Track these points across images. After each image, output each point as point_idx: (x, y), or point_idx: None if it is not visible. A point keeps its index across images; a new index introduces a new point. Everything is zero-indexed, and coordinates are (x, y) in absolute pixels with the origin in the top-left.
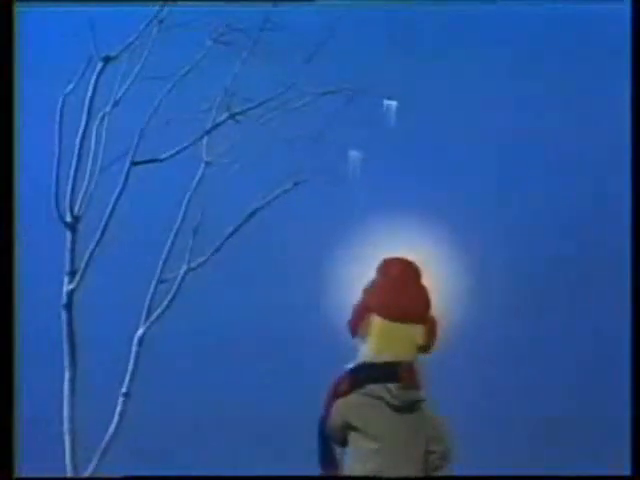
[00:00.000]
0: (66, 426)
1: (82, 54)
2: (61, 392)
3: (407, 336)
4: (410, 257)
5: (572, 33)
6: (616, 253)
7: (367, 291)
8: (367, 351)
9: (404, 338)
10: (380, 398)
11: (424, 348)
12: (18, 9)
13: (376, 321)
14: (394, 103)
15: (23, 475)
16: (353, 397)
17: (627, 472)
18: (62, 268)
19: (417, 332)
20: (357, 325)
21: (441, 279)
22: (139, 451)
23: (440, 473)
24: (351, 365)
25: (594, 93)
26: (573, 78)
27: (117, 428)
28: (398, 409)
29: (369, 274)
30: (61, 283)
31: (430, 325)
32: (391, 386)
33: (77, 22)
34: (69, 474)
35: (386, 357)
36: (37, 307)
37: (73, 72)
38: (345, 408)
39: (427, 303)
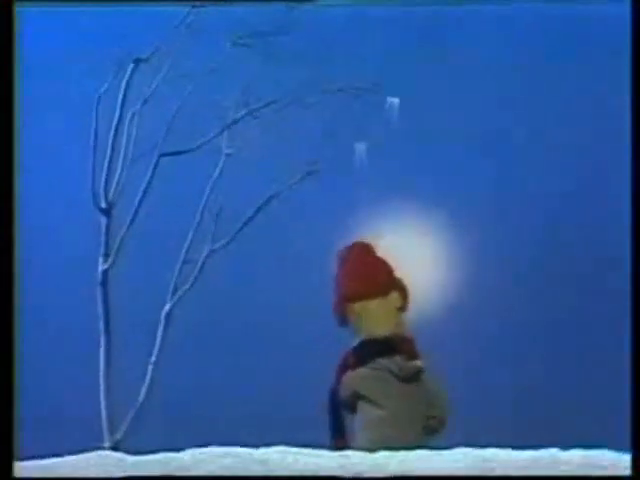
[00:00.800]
0: (102, 391)
1: (88, 55)
2: (96, 363)
3: (387, 306)
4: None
5: (572, 33)
6: (616, 248)
7: (335, 285)
8: (362, 332)
9: (386, 309)
10: (387, 370)
11: (402, 309)
12: (18, 9)
13: (355, 307)
14: (397, 100)
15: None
16: (362, 370)
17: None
18: (98, 250)
19: (393, 298)
20: (343, 318)
21: (441, 264)
22: (167, 413)
23: (437, 436)
24: (354, 343)
25: (594, 93)
26: (573, 78)
27: (147, 393)
28: (404, 379)
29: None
30: (97, 263)
31: (400, 287)
32: (397, 358)
33: (78, 22)
34: (105, 434)
35: (381, 331)
36: (75, 285)
37: (81, 71)
38: (354, 380)
39: (388, 270)
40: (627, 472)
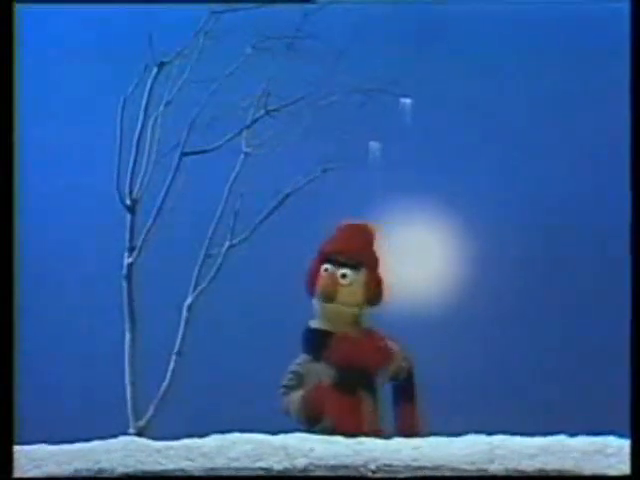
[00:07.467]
0: (127, 379)
1: (110, 57)
2: (122, 352)
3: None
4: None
5: (571, 33)
6: (617, 245)
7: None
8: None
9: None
10: None
11: (372, 299)
12: (18, 9)
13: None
14: (409, 100)
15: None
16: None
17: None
18: (123, 244)
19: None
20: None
21: (447, 257)
22: (190, 400)
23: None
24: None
25: (593, 93)
26: (572, 78)
27: (170, 382)
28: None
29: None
30: (122, 257)
31: (374, 276)
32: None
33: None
34: (131, 421)
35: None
36: (101, 278)
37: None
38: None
39: (375, 254)
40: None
